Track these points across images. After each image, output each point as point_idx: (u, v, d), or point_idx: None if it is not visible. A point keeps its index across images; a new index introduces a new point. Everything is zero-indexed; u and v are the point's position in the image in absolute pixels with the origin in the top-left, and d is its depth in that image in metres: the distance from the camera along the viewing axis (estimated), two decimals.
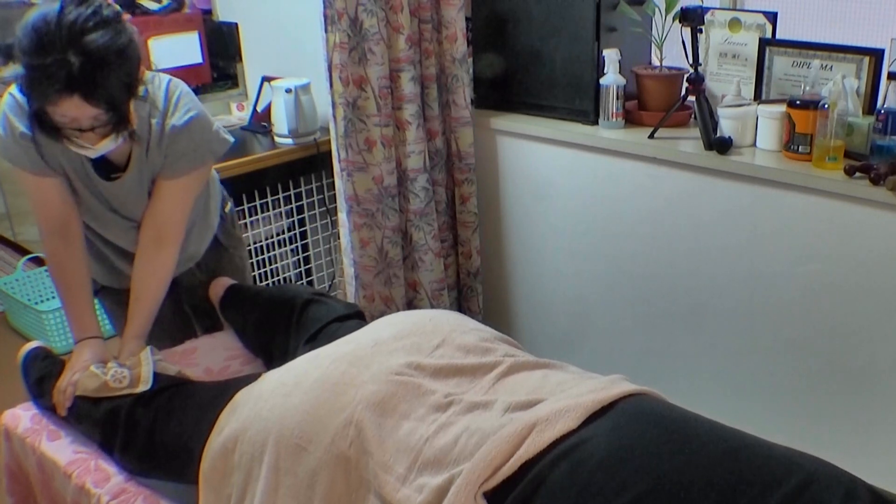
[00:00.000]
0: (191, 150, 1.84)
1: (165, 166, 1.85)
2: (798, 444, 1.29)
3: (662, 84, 2.40)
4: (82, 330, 1.88)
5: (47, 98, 1.54)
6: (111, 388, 1.76)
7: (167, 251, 1.92)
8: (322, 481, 1.40)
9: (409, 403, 1.44)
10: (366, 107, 2.47)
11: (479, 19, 2.66)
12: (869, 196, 1.94)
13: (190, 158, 1.85)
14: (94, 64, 1.54)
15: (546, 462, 1.25)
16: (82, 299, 1.89)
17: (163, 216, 1.90)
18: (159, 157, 1.83)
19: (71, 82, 1.52)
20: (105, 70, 1.55)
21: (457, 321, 1.69)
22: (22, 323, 3.43)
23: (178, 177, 1.87)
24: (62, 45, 1.51)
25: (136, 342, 1.89)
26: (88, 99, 1.55)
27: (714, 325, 2.34)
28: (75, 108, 1.56)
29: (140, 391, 1.76)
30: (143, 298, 1.92)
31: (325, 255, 3.11)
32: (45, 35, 1.52)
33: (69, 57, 1.51)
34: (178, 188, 1.88)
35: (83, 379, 1.78)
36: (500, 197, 2.75)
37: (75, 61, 1.52)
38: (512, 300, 2.86)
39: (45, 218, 1.84)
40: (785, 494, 1.13)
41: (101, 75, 1.55)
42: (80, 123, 1.60)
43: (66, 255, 1.87)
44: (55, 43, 1.51)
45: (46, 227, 1.85)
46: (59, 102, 1.55)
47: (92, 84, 1.54)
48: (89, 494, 1.66)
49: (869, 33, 2.24)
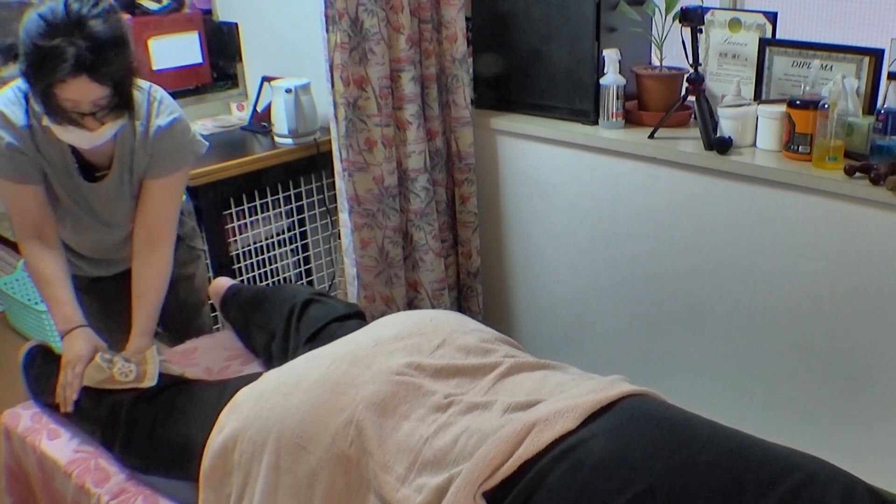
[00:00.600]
0: (175, 150, 1.92)
1: (152, 165, 1.92)
2: (798, 444, 1.29)
3: (662, 84, 2.40)
4: (68, 321, 1.89)
5: (55, 77, 1.59)
6: (117, 381, 1.77)
7: (161, 251, 1.98)
8: (322, 481, 1.40)
9: (410, 404, 1.44)
10: (366, 107, 2.47)
11: (479, 19, 2.66)
12: (869, 196, 1.94)
13: (174, 157, 1.93)
14: (100, 46, 1.61)
15: (545, 462, 1.25)
16: (63, 291, 1.91)
17: (153, 217, 1.96)
18: (145, 157, 1.90)
19: (79, 62, 1.59)
20: (110, 52, 1.63)
21: (457, 322, 1.69)
22: (22, 323, 3.43)
23: (164, 175, 1.93)
24: (69, 30, 1.59)
25: (143, 339, 1.92)
26: (96, 78, 1.62)
27: (714, 325, 2.34)
28: (82, 88, 1.62)
29: (145, 387, 1.77)
30: (145, 296, 1.95)
31: (325, 255, 3.11)
32: (53, 20, 1.59)
33: (76, 39, 1.58)
34: (164, 187, 1.95)
35: (89, 370, 1.79)
36: (500, 197, 2.75)
37: (82, 43, 1.59)
38: (512, 300, 2.86)
39: (22, 224, 1.89)
40: (784, 494, 1.14)
41: (107, 56, 1.62)
42: (82, 107, 1.65)
43: (43, 251, 1.90)
44: (62, 27, 1.59)
45: (24, 232, 1.90)
46: (67, 81, 1.60)
47: (99, 64, 1.61)
48: (89, 494, 1.66)
49: (869, 33, 2.24)
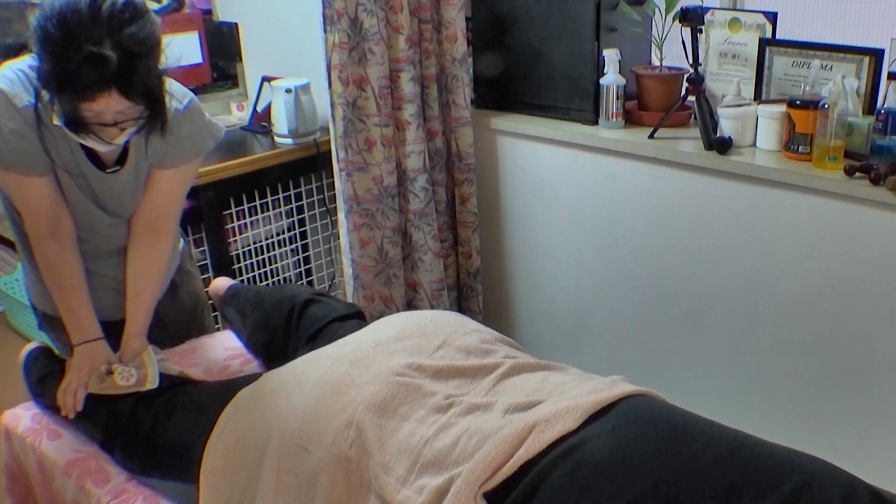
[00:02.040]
0: (193, 134, 1.79)
1: (167, 153, 1.79)
2: (798, 444, 1.29)
3: (662, 84, 2.40)
4: (82, 333, 1.82)
5: (82, 95, 1.45)
6: (118, 387, 1.76)
7: (161, 244, 1.89)
8: (323, 482, 1.40)
9: (410, 405, 1.44)
10: (365, 107, 2.47)
11: (479, 19, 2.66)
12: (869, 196, 1.94)
13: (192, 143, 1.81)
14: (132, 57, 1.46)
15: (546, 462, 1.25)
16: (80, 301, 1.83)
17: (158, 208, 1.85)
18: (162, 145, 1.76)
19: (108, 77, 1.44)
20: (142, 63, 1.48)
21: (458, 322, 1.69)
22: (22, 323, 3.43)
23: (177, 165, 1.81)
24: (97, 38, 1.42)
25: (138, 340, 1.87)
26: (126, 93, 1.48)
27: (714, 326, 2.34)
28: (110, 102, 1.48)
29: (147, 389, 1.76)
30: (141, 294, 1.89)
31: (324, 255, 3.10)
32: (78, 27, 1.42)
33: (105, 51, 1.42)
34: (175, 178, 1.84)
35: (92, 379, 1.78)
36: (500, 197, 2.75)
37: (112, 55, 1.43)
38: (512, 300, 2.86)
39: (34, 220, 1.75)
40: (784, 495, 1.14)
41: (138, 69, 1.47)
42: (105, 118, 1.52)
43: (59, 256, 1.80)
44: (90, 36, 1.42)
45: (36, 229, 1.76)
46: (96, 98, 1.46)
47: (130, 78, 1.47)
48: (89, 494, 1.66)
49: (869, 33, 2.24)
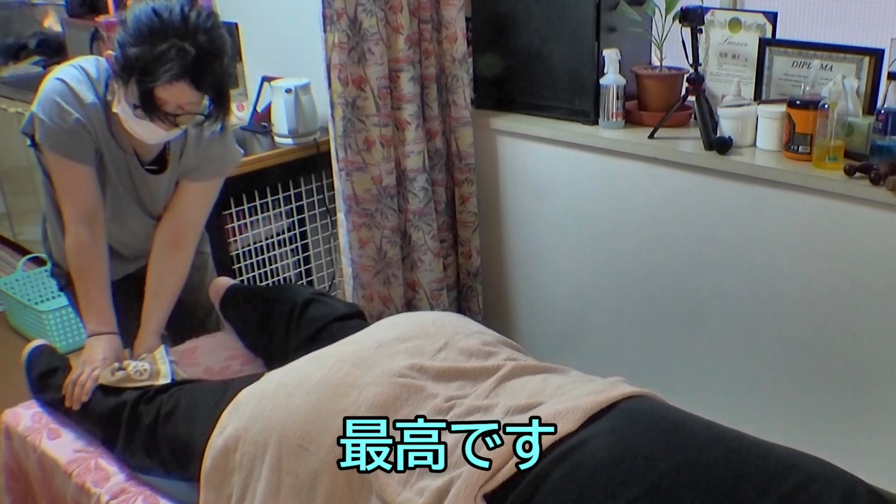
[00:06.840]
0: (222, 156, 1.98)
1: (197, 169, 1.95)
2: (798, 444, 1.29)
3: (662, 84, 2.40)
4: (98, 323, 1.88)
5: (161, 79, 1.62)
6: (133, 380, 1.79)
7: (184, 253, 2.01)
8: (324, 483, 1.40)
9: (412, 406, 1.44)
10: (365, 107, 2.47)
11: (479, 19, 2.66)
12: (869, 196, 1.94)
13: (219, 164, 1.98)
14: (208, 55, 1.65)
15: (546, 463, 1.25)
16: (100, 291, 1.89)
17: (184, 218, 1.99)
18: (194, 159, 1.94)
19: (186, 67, 1.62)
20: (215, 63, 1.68)
21: (460, 324, 1.70)
22: (22, 323, 3.43)
23: (202, 180, 1.97)
24: (183, 35, 1.62)
25: (153, 338, 1.94)
26: (196, 85, 1.66)
27: (714, 326, 2.34)
28: (181, 92, 1.66)
29: (159, 384, 1.79)
30: (161, 295, 1.97)
31: (324, 255, 3.10)
32: (167, 21, 1.62)
33: (187, 46, 1.62)
34: (203, 191, 1.99)
35: (104, 372, 1.80)
36: (500, 197, 2.75)
37: (192, 50, 1.62)
38: (512, 300, 2.86)
39: (74, 205, 1.86)
40: (783, 494, 1.14)
41: (212, 67, 1.67)
42: (168, 107, 1.68)
43: (89, 243, 1.88)
44: (175, 31, 1.62)
45: (75, 214, 1.86)
46: (172, 84, 1.64)
47: (203, 73, 1.65)
48: (89, 493, 1.66)
49: (869, 33, 2.24)
